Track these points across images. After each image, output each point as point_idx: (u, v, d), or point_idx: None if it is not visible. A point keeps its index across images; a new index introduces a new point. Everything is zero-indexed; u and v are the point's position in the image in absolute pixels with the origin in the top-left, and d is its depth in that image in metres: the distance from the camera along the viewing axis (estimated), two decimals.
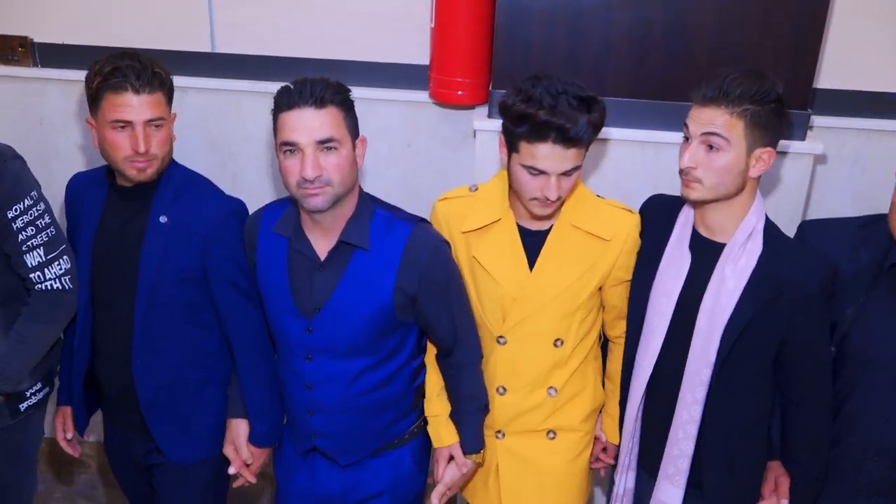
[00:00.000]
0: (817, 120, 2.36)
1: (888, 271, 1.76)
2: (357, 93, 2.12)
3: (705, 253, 1.79)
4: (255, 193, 2.64)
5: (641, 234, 1.90)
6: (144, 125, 1.82)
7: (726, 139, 1.67)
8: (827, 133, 2.39)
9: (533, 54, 2.24)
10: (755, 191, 1.76)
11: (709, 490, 1.87)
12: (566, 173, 1.73)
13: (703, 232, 1.81)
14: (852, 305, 1.78)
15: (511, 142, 1.75)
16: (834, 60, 2.38)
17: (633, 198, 2.07)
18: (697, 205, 1.79)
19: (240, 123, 2.65)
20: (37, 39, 2.66)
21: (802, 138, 2.21)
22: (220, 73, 2.63)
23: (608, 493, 2.15)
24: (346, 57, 2.56)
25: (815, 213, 2.47)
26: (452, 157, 2.56)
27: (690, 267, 1.80)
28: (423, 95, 2.51)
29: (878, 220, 1.82)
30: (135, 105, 1.82)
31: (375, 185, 2.61)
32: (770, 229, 1.78)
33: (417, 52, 2.50)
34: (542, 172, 1.72)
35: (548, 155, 1.69)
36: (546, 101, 1.67)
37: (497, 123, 2.30)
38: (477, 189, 1.94)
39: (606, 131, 2.21)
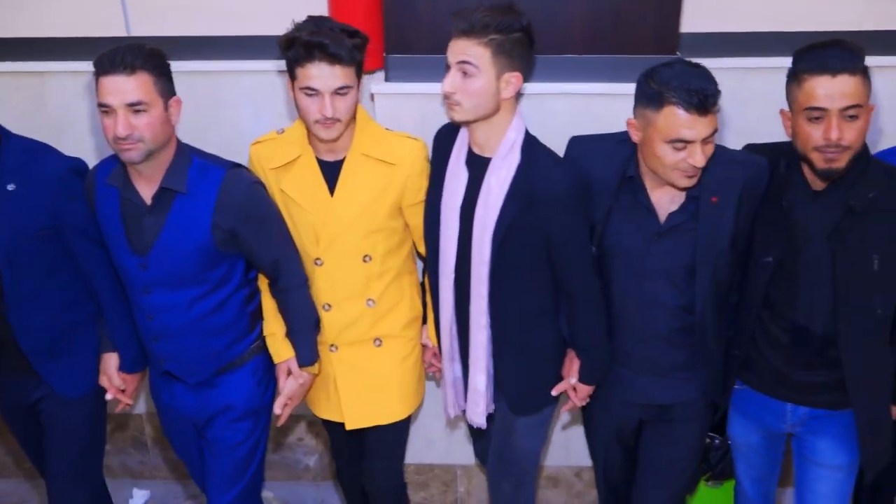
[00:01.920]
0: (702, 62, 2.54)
1: (627, 181, 2.02)
2: (268, 65, 2.38)
3: (478, 167, 2.05)
4: None
5: (432, 160, 2.15)
6: None
7: (476, 66, 1.91)
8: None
9: (421, 17, 2.39)
10: (513, 110, 2.01)
11: (502, 375, 2.17)
12: (339, 92, 1.98)
13: (475, 149, 2.06)
14: (603, 209, 2.03)
15: (290, 71, 2.01)
16: (706, 4, 2.54)
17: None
18: (466, 125, 2.02)
19: None
20: None
21: None
22: None
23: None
24: (253, 32, 2.67)
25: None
26: None
27: (468, 181, 2.05)
28: None
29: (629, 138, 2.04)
30: None
31: None
32: (530, 143, 2.02)
33: None
34: (316, 92, 1.97)
35: (317, 74, 1.96)
36: (309, 26, 1.96)
37: (394, 86, 2.47)
38: (283, 132, 2.21)
39: None
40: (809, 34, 2.56)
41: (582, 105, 2.39)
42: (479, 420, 2.23)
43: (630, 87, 2.35)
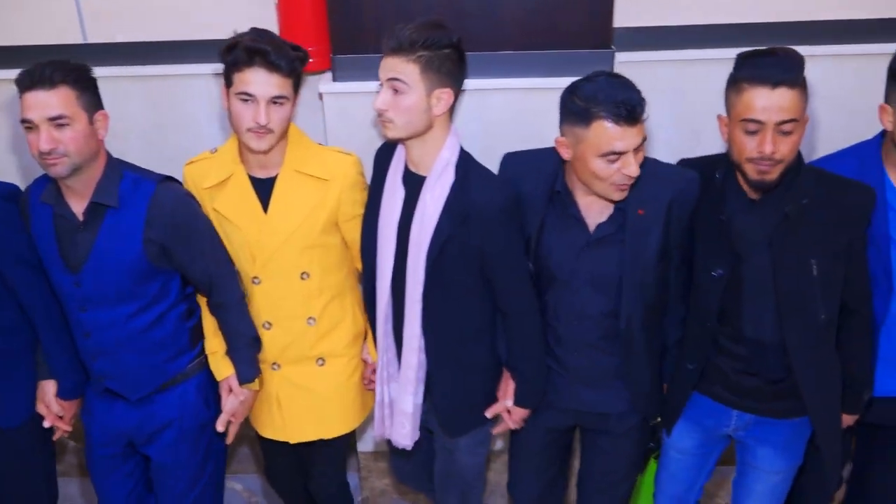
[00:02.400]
0: (633, 55, 2.64)
1: (555, 195, 2.04)
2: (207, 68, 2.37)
3: (414, 185, 2.04)
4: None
5: (372, 177, 2.15)
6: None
7: (406, 83, 1.90)
8: (642, 66, 2.66)
9: (365, 18, 2.48)
10: (447, 128, 2.01)
11: (436, 396, 2.16)
12: (275, 101, 1.99)
13: (411, 167, 2.06)
14: (535, 223, 2.04)
15: (227, 77, 2.01)
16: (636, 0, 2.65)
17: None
18: (400, 142, 2.03)
19: (119, 106, 2.84)
20: None
21: None
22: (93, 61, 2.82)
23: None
24: (208, 37, 2.71)
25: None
26: (314, 120, 2.79)
27: (404, 199, 2.05)
28: None
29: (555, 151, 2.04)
30: None
31: None
32: (464, 161, 2.02)
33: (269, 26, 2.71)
34: (251, 98, 1.98)
35: (255, 79, 1.96)
36: (252, 34, 1.98)
37: (341, 86, 2.56)
38: (216, 151, 2.21)
39: None
40: (739, 26, 2.70)
41: (520, 99, 2.48)
42: (405, 442, 2.23)
43: (566, 81, 2.46)
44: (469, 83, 2.48)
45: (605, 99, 1.85)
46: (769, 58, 1.87)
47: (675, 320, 2.16)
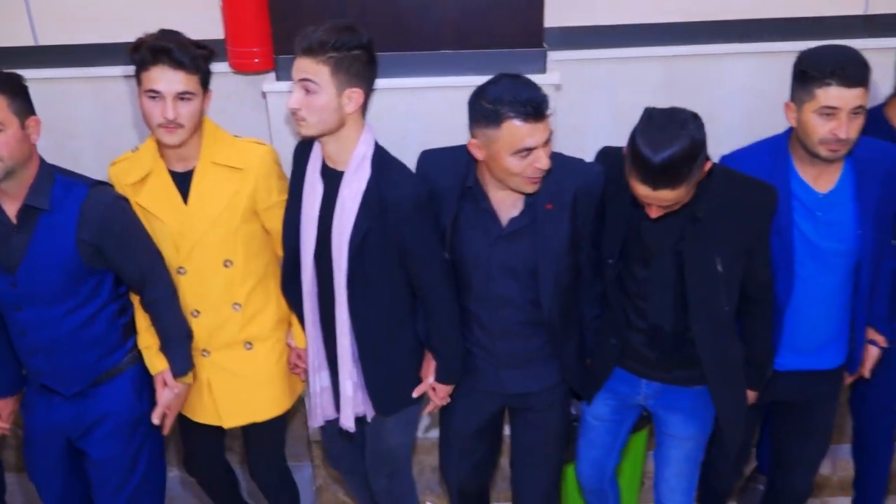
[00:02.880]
0: (566, 54, 2.75)
1: (468, 191, 2.15)
2: None
3: (332, 180, 2.15)
4: (95, 171, 2.90)
5: (292, 172, 2.25)
6: None
7: (317, 83, 2.01)
8: (576, 64, 2.78)
9: (305, 20, 2.54)
10: (360, 125, 2.11)
11: (366, 378, 2.29)
12: (182, 97, 2.09)
13: (329, 163, 2.17)
14: (450, 217, 2.16)
15: (137, 77, 2.12)
16: (567, 2, 2.74)
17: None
18: (315, 139, 2.12)
19: (71, 107, 2.91)
20: None
21: (542, 71, 2.57)
22: (45, 63, 2.86)
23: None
24: None
25: (578, 134, 2.86)
26: (258, 118, 2.86)
27: (323, 193, 2.16)
28: (224, 66, 2.76)
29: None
30: None
31: None
32: (380, 156, 2.13)
33: (215, 28, 2.78)
34: (159, 95, 2.08)
35: (160, 77, 2.08)
36: (157, 34, 2.09)
37: (284, 85, 2.63)
38: (137, 149, 2.31)
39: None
40: (666, 25, 2.82)
41: (456, 97, 2.54)
42: (349, 423, 2.34)
43: None
44: (407, 81, 2.59)
45: (511, 99, 1.96)
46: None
47: (591, 298, 2.29)
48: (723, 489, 2.72)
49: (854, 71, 2.02)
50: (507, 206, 2.15)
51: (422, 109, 2.61)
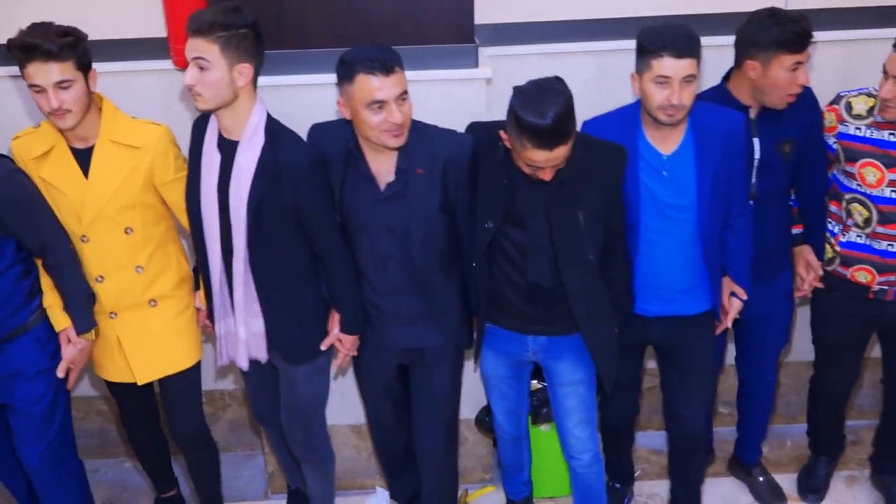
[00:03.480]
0: (499, 50, 2.86)
1: (350, 155, 2.33)
2: (116, 66, 2.66)
3: (228, 150, 2.31)
4: None
5: (190, 145, 2.41)
6: None
7: (208, 61, 2.17)
8: (508, 59, 2.88)
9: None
10: (252, 97, 2.28)
11: (273, 334, 2.47)
12: (61, 86, 2.23)
13: (224, 134, 2.33)
14: (337, 181, 2.34)
15: (22, 72, 2.25)
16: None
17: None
18: (211, 112, 2.28)
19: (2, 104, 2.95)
20: None
21: (473, 66, 2.67)
22: None
23: None
24: (93, 37, 2.81)
25: None
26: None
27: (221, 162, 2.32)
28: (167, 64, 2.85)
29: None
30: None
31: None
32: (272, 125, 2.30)
33: (158, 28, 2.85)
34: (40, 88, 2.23)
35: (35, 72, 2.23)
36: (25, 31, 2.22)
37: None
38: (39, 125, 2.45)
39: (311, 77, 2.67)
40: (596, 21, 2.92)
41: None
42: (243, 363, 2.52)
43: (433, 74, 2.66)
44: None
45: (363, 58, 2.16)
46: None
47: (469, 264, 2.46)
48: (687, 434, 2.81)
49: (684, 44, 2.23)
50: (385, 171, 2.33)
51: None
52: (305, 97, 2.67)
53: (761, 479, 3.16)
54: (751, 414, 3.10)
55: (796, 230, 2.80)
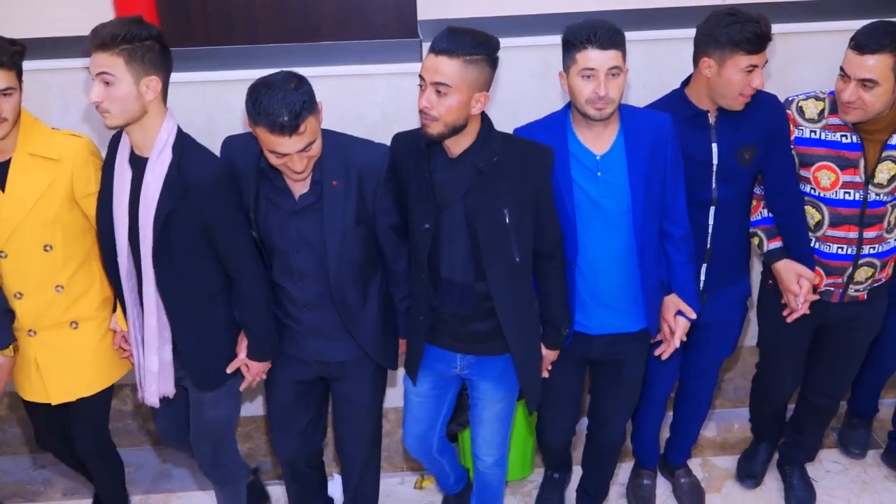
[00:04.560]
0: None
1: (260, 171, 2.30)
2: (73, 63, 2.65)
3: (139, 166, 2.28)
4: None
5: (105, 161, 2.37)
6: None
7: (114, 75, 2.11)
8: None
9: (192, 14, 2.70)
10: (161, 111, 2.24)
11: (183, 356, 2.42)
12: (4, 93, 2.22)
13: (135, 150, 2.29)
14: (251, 196, 2.30)
15: None
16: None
17: None
18: (120, 129, 2.24)
19: None
20: None
21: (418, 61, 2.75)
22: None
23: None
24: (45, 34, 2.89)
25: None
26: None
27: (132, 179, 2.28)
28: None
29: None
30: None
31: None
32: (181, 141, 2.26)
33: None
34: None
35: None
36: None
37: (174, 76, 2.75)
38: None
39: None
40: (541, 16, 3.00)
41: (337, 85, 2.73)
42: (152, 400, 2.45)
43: (379, 68, 2.73)
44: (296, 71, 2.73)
45: (263, 112, 2.05)
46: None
47: (396, 278, 2.45)
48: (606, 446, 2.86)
49: (607, 36, 2.22)
50: (299, 184, 2.28)
51: None
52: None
53: (683, 480, 3.14)
54: (687, 417, 3.07)
55: (774, 244, 2.68)
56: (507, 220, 2.26)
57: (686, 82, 2.57)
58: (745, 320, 2.89)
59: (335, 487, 3.27)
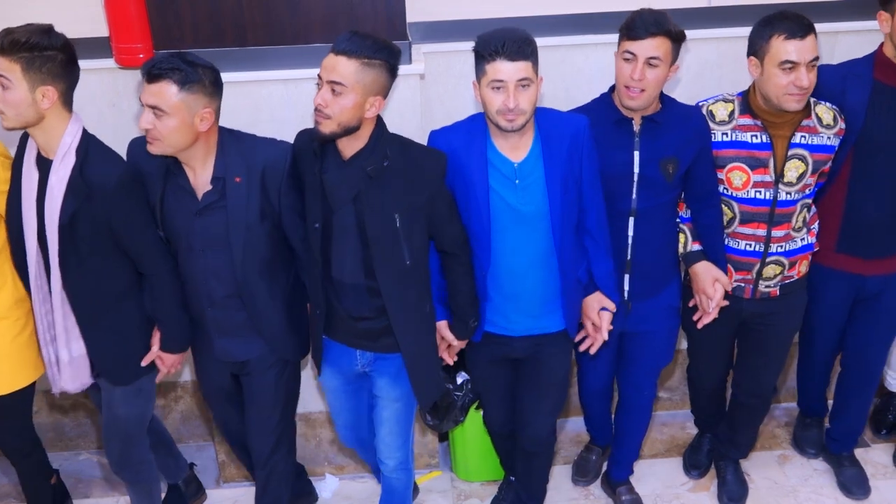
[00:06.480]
0: (433, 46, 2.97)
1: (167, 171, 2.35)
2: None
3: (45, 168, 2.33)
4: None
5: (14, 161, 2.41)
6: None
7: (9, 80, 2.19)
8: (442, 56, 3.00)
9: (182, 15, 2.72)
10: (64, 116, 2.29)
11: (93, 352, 2.50)
12: None
13: (42, 153, 2.34)
14: (157, 196, 2.37)
15: None
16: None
17: None
18: (17, 130, 2.29)
19: None
20: None
21: (408, 62, 2.76)
22: None
23: None
24: None
25: (447, 122, 3.05)
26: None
27: (38, 180, 2.33)
28: (111, 62, 2.90)
29: None
30: None
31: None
32: (86, 144, 2.31)
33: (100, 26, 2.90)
34: None
35: None
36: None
37: None
38: None
39: (250, 75, 2.75)
40: (529, 18, 3.03)
41: None
42: (70, 386, 2.53)
43: None
44: (280, 73, 2.77)
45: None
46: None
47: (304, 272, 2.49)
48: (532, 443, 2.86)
49: (515, 47, 2.23)
50: (202, 182, 2.34)
51: (296, 100, 2.79)
52: (245, 94, 2.76)
53: (625, 498, 3.13)
54: (628, 430, 3.07)
55: (696, 246, 2.72)
56: (398, 225, 2.30)
57: (613, 87, 2.58)
58: (678, 328, 2.89)
59: (325, 487, 3.31)
